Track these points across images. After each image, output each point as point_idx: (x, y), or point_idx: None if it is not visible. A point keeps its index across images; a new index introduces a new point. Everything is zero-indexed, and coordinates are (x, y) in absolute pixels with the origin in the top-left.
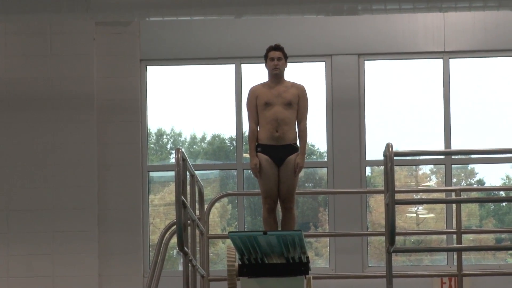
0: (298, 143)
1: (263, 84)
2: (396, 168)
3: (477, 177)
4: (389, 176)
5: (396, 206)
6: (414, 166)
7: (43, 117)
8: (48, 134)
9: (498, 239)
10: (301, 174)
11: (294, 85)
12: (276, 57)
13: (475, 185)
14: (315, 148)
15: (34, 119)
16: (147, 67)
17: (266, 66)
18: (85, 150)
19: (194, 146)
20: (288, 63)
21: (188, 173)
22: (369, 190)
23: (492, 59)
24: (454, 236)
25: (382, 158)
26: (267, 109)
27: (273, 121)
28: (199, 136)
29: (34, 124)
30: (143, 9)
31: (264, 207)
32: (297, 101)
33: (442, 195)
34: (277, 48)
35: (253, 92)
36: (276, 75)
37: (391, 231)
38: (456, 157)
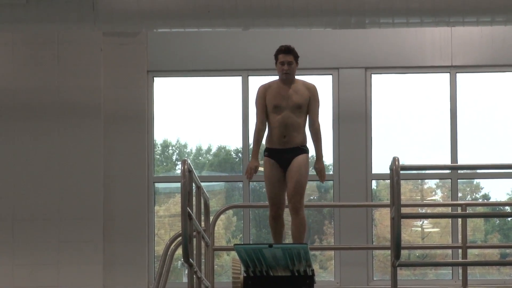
0: (307, 145)
1: (273, 84)
2: (402, 182)
3: (482, 192)
4: (395, 190)
5: (401, 220)
6: (419, 180)
7: (50, 127)
8: (55, 144)
9: (503, 254)
10: (306, 186)
11: (304, 84)
12: (286, 61)
13: (480, 200)
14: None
15: (40, 129)
16: (154, 78)
17: (276, 67)
18: (91, 160)
19: (200, 158)
20: (298, 67)
21: (194, 184)
22: (375, 204)
23: (499, 74)
24: (459, 250)
25: (388, 171)
26: (276, 112)
27: (281, 126)
28: (204, 147)
29: (41, 133)
30: (150, 20)
31: (270, 214)
32: (307, 103)
33: (447, 210)
34: (288, 51)
35: (262, 91)
36: (287, 79)
37: (396, 245)
38: (462, 171)
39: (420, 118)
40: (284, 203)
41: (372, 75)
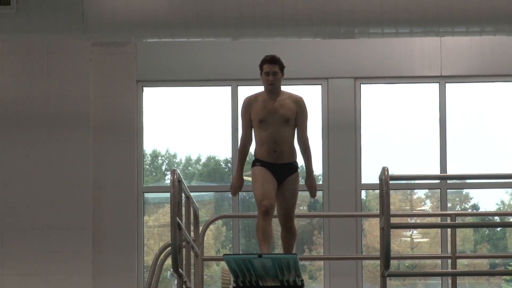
0: (297, 160)
1: (259, 96)
2: (391, 192)
3: (472, 202)
4: (384, 200)
5: (391, 230)
6: (409, 190)
7: (39, 137)
8: (44, 154)
9: (492, 264)
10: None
11: (291, 97)
12: (271, 72)
13: (469, 210)
14: None
15: (29, 139)
16: (144, 88)
17: (261, 77)
18: (80, 170)
19: (189, 168)
20: (284, 77)
21: (183, 194)
22: (364, 214)
23: (489, 84)
24: (449, 260)
25: (377, 181)
26: (262, 128)
27: (270, 142)
28: (194, 157)
29: (30, 143)
30: (140, 30)
31: (260, 211)
32: (295, 117)
33: (437, 220)
34: (273, 61)
35: (247, 105)
36: (272, 90)
37: (386, 255)
38: (451, 181)
39: (410, 128)
40: (275, 204)
41: (362, 85)
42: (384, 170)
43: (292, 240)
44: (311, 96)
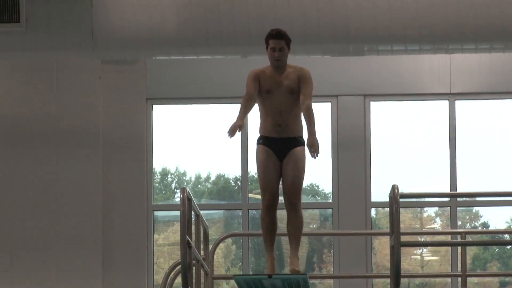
0: (303, 136)
1: (266, 70)
2: (401, 210)
3: (481, 220)
4: (394, 218)
5: (401, 248)
6: (419, 208)
7: (48, 154)
8: (53, 171)
9: (503, 282)
10: (306, 215)
11: (296, 68)
12: (278, 48)
13: (479, 228)
14: (320, 189)
15: (39, 156)
16: (153, 105)
17: (267, 53)
18: (90, 188)
19: (199, 186)
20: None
21: (193, 212)
22: (374, 232)
23: (498, 101)
24: (459, 279)
25: (387, 199)
26: (268, 99)
27: (275, 113)
28: (204, 175)
29: (39, 160)
30: (149, 47)
31: (263, 205)
32: (298, 86)
33: (447, 238)
34: (279, 35)
35: (255, 74)
36: (278, 66)
37: (396, 273)
38: (461, 199)
39: (419, 145)
40: (278, 193)
41: (371, 102)
42: (394, 188)
43: (298, 230)
44: (321, 114)
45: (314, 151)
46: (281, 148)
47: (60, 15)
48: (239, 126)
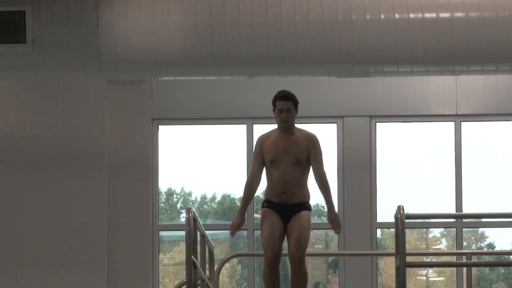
0: (309, 202)
1: (272, 134)
2: (407, 231)
3: (487, 241)
4: (400, 238)
5: (406, 268)
6: (424, 229)
7: (54, 174)
8: (58, 192)
9: None
10: (311, 235)
11: (303, 135)
12: (285, 109)
13: (485, 249)
14: (326, 210)
15: (44, 176)
16: (159, 126)
17: (274, 114)
18: (95, 207)
19: (204, 206)
20: (298, 114)
21: (198, 232)
22: (380, 253)
23: (504, 122)
24: None
25: (393, 220)
26: (273, 167)
27: (280, 182)
28: (209, 195)
29: (44, 181)
30: (155, 68)
31: (265, 260)
32: (307, 155)
33: (452, 258)
34: (287, 97)
35: (260, 143)
36: (285, 128)
37: None
38: (467, 220)
39: (425, 166)
40: (281, 250)
41: (377, 123)
42: (400, 208)
43: (304, 285)
44: (327, 135)
45: (336, 227)
46: (287, 212)
47: (66, 36)
48: (239, 224)
